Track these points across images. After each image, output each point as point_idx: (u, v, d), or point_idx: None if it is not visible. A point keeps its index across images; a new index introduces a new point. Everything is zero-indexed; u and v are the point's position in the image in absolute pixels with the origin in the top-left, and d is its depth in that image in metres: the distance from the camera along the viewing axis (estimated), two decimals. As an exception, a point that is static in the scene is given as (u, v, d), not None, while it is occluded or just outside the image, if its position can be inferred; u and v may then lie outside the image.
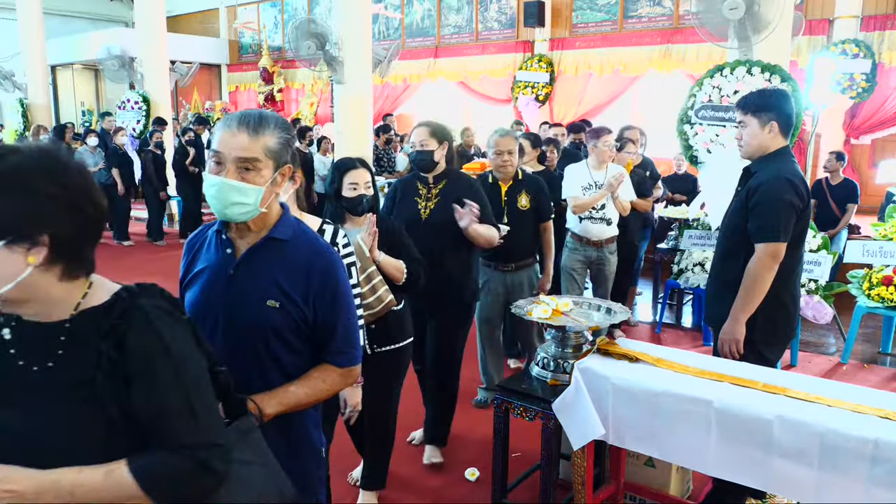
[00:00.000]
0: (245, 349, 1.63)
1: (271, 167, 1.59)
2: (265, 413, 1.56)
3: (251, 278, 1.63)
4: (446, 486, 3.22)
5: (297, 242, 1.67)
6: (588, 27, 11.48)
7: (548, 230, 3.95)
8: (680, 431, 2.21)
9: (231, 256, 1.65)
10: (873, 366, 4.94)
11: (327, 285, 1.65)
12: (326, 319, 1.66)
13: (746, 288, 2.56)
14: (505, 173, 3.80)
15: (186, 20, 17.55)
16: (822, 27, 9.53)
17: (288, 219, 1.69)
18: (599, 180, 4.51)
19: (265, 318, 1.61)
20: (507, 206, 3.80)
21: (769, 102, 2.64)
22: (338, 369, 1.70)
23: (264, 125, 1.59)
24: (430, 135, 3.22)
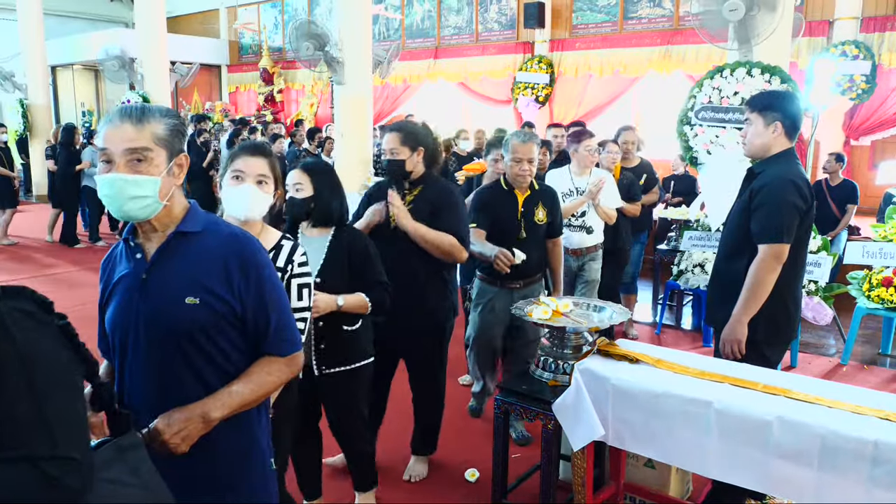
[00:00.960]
0: (174, 355, 1.55)
1: (164, 156, 1.53)
2: (210, 418, 1.51)
3: (165, 278, 1.55)
4: (446, 487, 3.22)
5: (210, 234, 1.60)
6: (588, 28, 11.48)
7: (558, 245, 3.68)
8: (680, 432, 2.21)
9: (142, 261, 1.58)
10: (873, 367, 4.94)
11: (249, 271, 1.58)
12: (256, 309, 1.59)
13: (749, 289, 2.56)
14: (521, 182, 3.45)
15: (186, 21, 17.56)
16: (821, 28, 9.53)
17: (196, 212, 1.62)
18: (581, 186, 4.31)
19: (187, 318, 1.53)
20: (524, 218, 3.46)
21: (776, 103, 2.65)
22: (280, 359, 1.64)
23: (148, 114, 1.53)
24: (402, 142, 2.96)
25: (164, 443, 1.46)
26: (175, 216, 1.58)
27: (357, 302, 2.55)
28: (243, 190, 2.09)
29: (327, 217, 2.60)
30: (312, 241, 2.61)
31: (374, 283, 2.61)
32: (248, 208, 2.08)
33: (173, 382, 1.55)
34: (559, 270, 3.72)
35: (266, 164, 2.14)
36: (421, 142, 3.00)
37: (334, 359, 2.63)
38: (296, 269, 2.16)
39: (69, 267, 8.07)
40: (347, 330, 2.63)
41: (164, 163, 1.53)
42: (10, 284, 1.16)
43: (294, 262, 2.16)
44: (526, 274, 3.47)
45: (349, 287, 2.56)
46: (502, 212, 3.44)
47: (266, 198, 2.12)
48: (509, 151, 3.42)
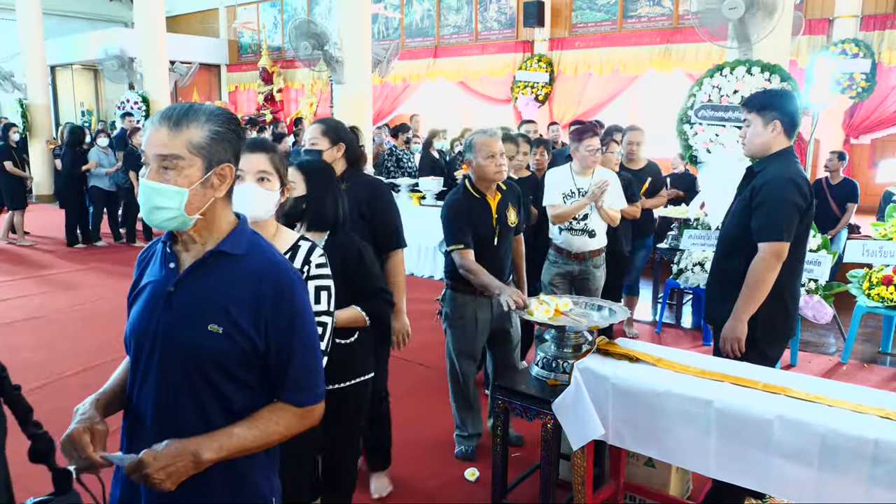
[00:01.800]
0: (182, 381, 1.42)
1: (199, 166, 1.38)
2: (202, 459, 1.36)
3: (192, 298, 1.43)
4: (446, 486, 3.21)
5: (251, 258, 1.46)
6: (588, 27, 11.48)
7: (520, 242, 3.55)
8: (680, 431, 2.20)
9: (174, 272, 1.45)
10: (873, 365, 4.94)
11: (281, 308, 1.44)
12: (280, 349, 1.44)
13: (749, 287, 2.57)
14: (500, 180, 3.26)
15: (186, 20, 17.55)
16: (821, 27, 9.53)
17: (242, 231, 1.49)
18: (584, 187, 4.05)
19: (205, 345, 1.40)
20: (499, 223, 3.28)
21: (774, 102, 2.66)
22: (295, 409, 1.48)
23: (190, 117, 1.39)
24: (322, 133, 2.88)
25: (148, 476, 1.33)
26: (218, 231, 1.46)
27: (351, 316, 2.38)
28: (244, 189, 1.97)
29: (321, 219, 2.43)
30: None
31: (372, 291, 2.44)
32: (250, 208, 1.96)
33: (175, 410, 1.43)
34: (522, 266, 3.59)
35: (267, 159, 2.02)
36: (342, 137, 2.92)
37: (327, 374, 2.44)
38: (313, 270, 2.05)
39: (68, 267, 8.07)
40: (341, 344, 2.42)
41: (199, 173, 1.39)
42: None
43: (311, 262, 2.05)
44: (502, 279, 3.26)
45: (345, 295, 2.38)
46: (478, 221, 3.24)
47: (269, 195, 2.00)
48: (476, 151, 3.17)
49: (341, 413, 2.49)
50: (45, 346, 5.02)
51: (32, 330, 5.54)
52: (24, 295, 6.71)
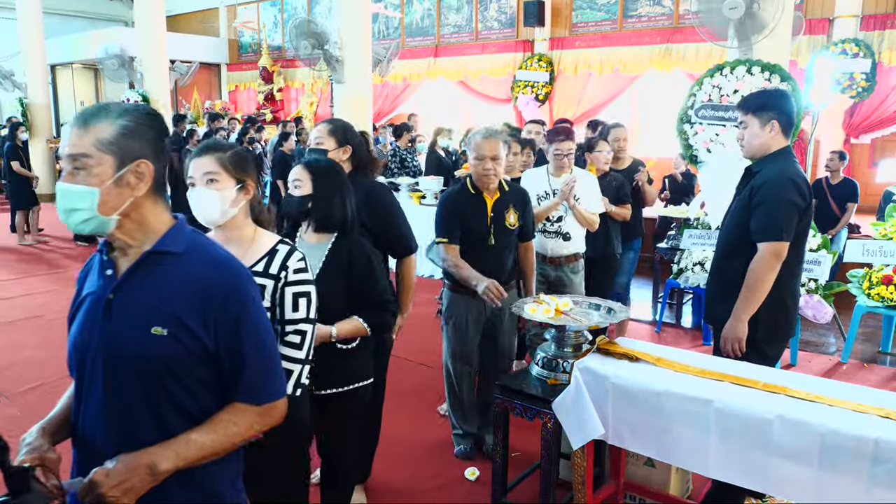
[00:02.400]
0: (132, 390, 1.35)
1: (110, 164, 1.31)
2: (158, 471, 1.29)
3: (132, 302, 1.36)
4: (446, 486, 3.21)
5: (193, 257, 1.39)
6: (588, 26, 11.48)
7: (530, 250, 3.45)
8: (680, 431, 2.21)
9: (111, 278, 1.38)
10: (873, 365, 4.94)
11: (229, 307, 1.37)
12: (232, 350, 1.38)
13: (749, 287, 2.57)
14: (487, 183, 3.18)
15: (186, 19, 17.55)
16: (821, 26, 9.52)
17: (181, 230, 1.42)
18: (558, 188, 3.91)
19: (151, 350, 1.33)
20: (494, 223, 3.21)
21: (769, 102, 2.66)
22: (254, 407, 1.42)
23: (101, 114, 1.33)
24: (329, 133, 2.83)
25: (103, 497, 1.25)
26: (153, 232, 1.39)
27: (353, 328, 2.35)
28: (193, 195, 1.92)
29: (327, 220, 2.37)
30: (310, 247, 2.39)
31: (375, 301, 2.39)
32: (202, 213, 1.92)
33: (128, 422, 1.35)
34: (531, 276, 3.49)
35: (213, 160, 1.92)
36: (350, 139, 2.86)
37: (325, 379, 2.36)
38: (290, 276, 1.96)
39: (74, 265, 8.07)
40: (341, 349, 2.38)
41: (110, 171, 1.31)
42: None
43: (289, 268, 1.96)
44: (501, 281, 3.18)
45: (348, 302, 2.36)
46: (471, 218, 3.19)
47: (218, 195, 1.90)
48: (472, 150, 3.19)
49: (340, 418, 2.46)
50: (47, 344, 5.03)
51: (35, 328, 5.54)
52: (28, 293, 6.73)
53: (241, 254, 1.91)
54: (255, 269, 1.92)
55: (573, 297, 2.96)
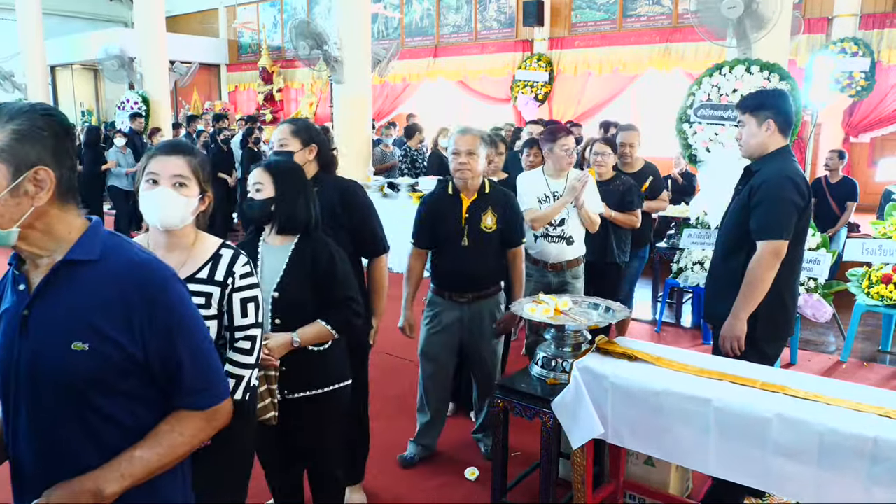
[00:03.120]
0: (61, 411, 1.26)
1: (4, 173, 1.20)
2: (105, 494, 1.22)
3: (48, 317, 1.27)
4: (446, 486, 3.22)
5: (109, 262, 1.29)
6: (587, 26, 11.48)
7: (518, 257, 3.28)
8: (679, 430, 2.21)
9: (24, 294, 1.29)
10: (873, 364, 4.94)
11: (156, 311, 1.28)
12: (165, 356, 1.30)
13: (748, 286, 2.57)
14: (464, 179, 3.12)
15: (186, 20, 17.55)
16: (820, 26, 9.53)
17: (94, 235, 1.31)
18: (558, 190, 3.74)
19: (73, 367, 1.24)
20: (469, 225, 3.12)
21: (766, 101, 2.68)
22: (198, 413, 1.35)
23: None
24: (293, 133, 2.73)
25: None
26: (62, 240, 1.28)
27: (316, 333, 2.29)
28: (156, 194, 1.82)
29: (291, 222, 2.32)
30: (274, 250, 2.35)
31: (340, 300, 2.33)
32: (161, 215, 1.82)
33: (62, 445, 1.27)
34: (518, 285, 3.30)
35: (184, 163, 1.84)
36: (314, 138, 2.76)
37: (298, 382, 2.32)
38: (237, 281, 1.88)
39: None
40: (315, 352, 2.34)
41: (5, 180, 1.20)
42: None
43: (235, 273, 1.88)
44: (475, 286, 3.18)
45: (313, 303, 2.30)
46: (446, 218, 3.14)
47: (185, 201, 1.82)
48: (450, 146, 3.18)
49: (320, 421, 2.42)
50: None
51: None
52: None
53: (184, 259, 1.86)
54: (198, 276, 1.85)
55: (573, 296, 2.96)
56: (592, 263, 4.04)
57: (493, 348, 3.30)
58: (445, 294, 3.21)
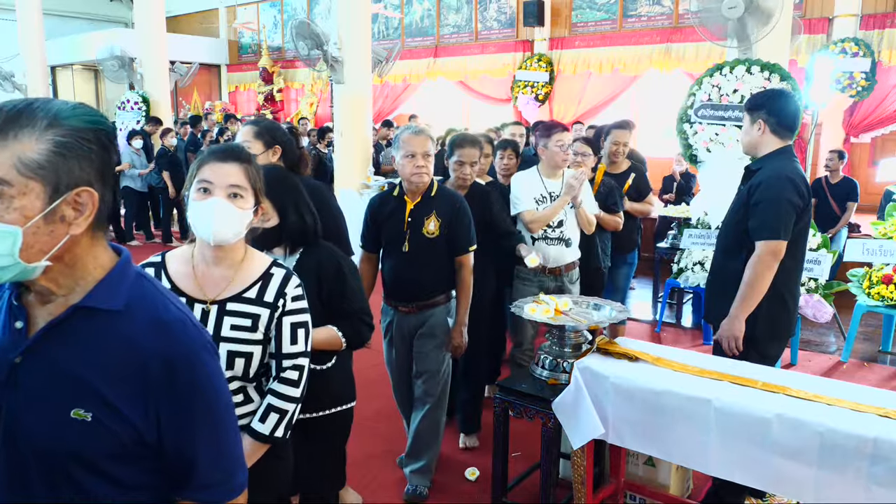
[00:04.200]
0: (42, 486, 1.03)
1: (39, 193, 0.96)
2: None
3: (47, 371, 1.02)
4: (446, 486, 3.22)
5: (134, 315, 1.05)
6: (587, 26, 11.48)
7: (464, 267, 3.01)
8: (679, 430, 2.21)
9: (21, 334, 1.04)
10: (873, 364, 4.94)
11: (177, 386, 1.04)
12: (181, 441, 1.07)
13: (747, 285, 2.58)
14: (419, 183, 2.91)
15: (186, 20, 17.56)
16: (821, 26, 9.52)
17: (121, 277, 1.07)
18: (555, 190, 3.59)
19: (68, 438, 1.01)
20: (410, 229, 2.94)
21: (762, 102, 2.71)
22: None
23: (21, 122, 0.96)
24: (256, 135, 2.58)
25: None
26: (84, 277, 1.04)
27: (326, 337, 2.12)
28: (210, 205, 1.64)
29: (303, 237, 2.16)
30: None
31: (350, 312, 2.18)
32: (215, 229, 1.64)
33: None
34: (463, 297, 3.03)
35: (241, 171, 1.67)
36: (278, 139, 2.62)
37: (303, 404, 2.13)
38: (290, 304, 1.75)
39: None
40: (316, 370, 2.18)
41: (39, 204, 0.96)
42: None
43: (287, 295, 1.74)
44: (418, 295, 2.99)
45: (321, 320, 2.12)
46: (390, 221, 3.00)
47: (241, 214, 1.66)
48: (398, 148, 2.91)
49: (319, 445, 2.27)
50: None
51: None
52: None
53: (231, 275, 1.72)
54: (246, 296, 1.72)
55: (572, 297, 2.96)
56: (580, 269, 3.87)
57: (437, 366, 3.06)
58: (392, 302, 3.07)
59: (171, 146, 9.28)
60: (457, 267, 3.02)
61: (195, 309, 1.70)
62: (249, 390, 1.79)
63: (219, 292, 1.71)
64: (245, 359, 1.72)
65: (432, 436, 3.13)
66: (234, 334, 1.70)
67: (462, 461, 3.41)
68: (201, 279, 1.73)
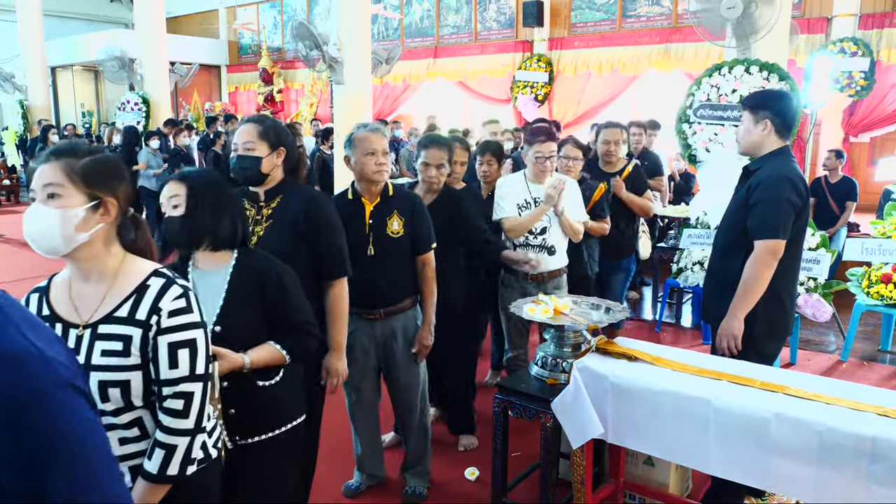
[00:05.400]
0: None
1: None
2: None
3: None
4: (446, 486, 3.22)
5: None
6: (587, 27, 11.49)
7: (428, 265, 2.94)
8: (679, 430, 2.22)
9: None
10: (873, 363, 4.95)
11: (24, 430, 0.84)
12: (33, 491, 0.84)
13: (745, 285, 2.59)
14: (379, 182, 2.80)
15: (186, 21, 17.58)
16: (820, 25, 9.53)
17: None
18: (540, 196, 3.50)
19: None
20: (373, 231, 2.82)
21: (767, 102, 2.70)
22: None
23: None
24: (260, 136, 2.39)
25: None
26: None
27: (268, 356, 1.96)
28: (26, 214, 1.46)
29: (231, 238, 1.97)
30: (207, 275, 1.99)
31: (294, 325, 2.02)
32: (31, 238, 1.45)
33: None
34: (429, 295, 2.96)
35: (55, 169, 1.44)
36: (283, 141, 2.44)
37: (249, 425, 1.99)
38: (166, 320, 1.48)
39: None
40: (263, 386, 2.00)
41: None
42: None
43: (162, 310, 1.49)
44: (385, 300, 2.87)
45: (264, 334, 1.98)
46: (349, 226, 2.72)
47: (60, 215, 1.42)
48: (354, 147, 2.77)
49: (269, 466, 2.07)
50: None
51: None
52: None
53: (104, 292, 1.51)
54: (118, 315, 1.49)
55: (572, 297, 2.97)
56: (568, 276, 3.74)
57: (414, 373, 2.98)
58: (354, 310, 2.78)
59: (184, 146, 9.29)
60: (420, 266, 2.94)
61: (69, 335, 1.50)
62: (146, 420, 1.54)
63: (92, 313, 1.50)
64: (121, 388, 1.48)
65: (424, 442, 3.12)
66: (105, 361, 1.47)
67: (462, 461, 3.42)
68: (76, 299, 1.53)
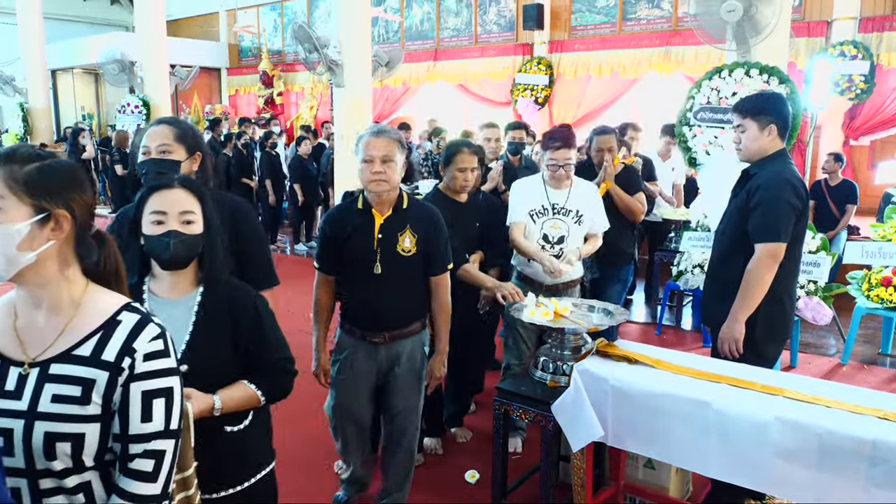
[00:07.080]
0: None
1: None
2: None
3: None
4: (446, 488, 3.22)
5: None
6: (587, 29, 11.50)
7: (442, 287, 2.69)
8: (679, 433, 2.22)
9: None
10: (873, 367, 4.95)
11: None
12: None
13: (746, 288, 2.59)
14: (378, 192, 2.52)
15: (186, 24, 17.59)
16: (820, 29, 9.54)
17: None
18: (558, 202, 3.33)
19: None
20: (382, 247, 2.54)
21: (768, 106, 2.68)
22: None
23: None
24: (177, 138, 2.17)
25: None
26: None
27: (242, 398, 1.73)
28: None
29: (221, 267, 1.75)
30: (168, 305, 1.71)
31: (271, 363, 1.80)
32: None
33: None
34: (443, 322, 2.72)
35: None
36: (199, 145, 2.25)
37: (216, 478, 1.75)
38: (140, 364, 1.22)
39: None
40: (231, 432, 1.78)
41: None
42: None
43: (137, 352, 1.23)
44: (391, 324, 2.62)
45: (234, 372, 1.75)
46: (354, 239, 2.56)
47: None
48: (359, 151, 2.54)
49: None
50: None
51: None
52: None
53: (61, 324, 1.24)
54: (77, 353, 1.22)
55: (572, 300, 2.97)
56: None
57: (414, 399, 2.75)
58: (356, 333, 2.63)
59: None
60: (433, 288, 2.68)
61: (8, 375, 1.22)
62: (95, 487, 1.25)
63: (43, 349, 1.23)
64: (72, 443, 1.19)
65: (408, 469, 2.86)
66: (56, 408, 1.19)
67: (462, 463, 3.42)
68: (23, 331, 1.25)
